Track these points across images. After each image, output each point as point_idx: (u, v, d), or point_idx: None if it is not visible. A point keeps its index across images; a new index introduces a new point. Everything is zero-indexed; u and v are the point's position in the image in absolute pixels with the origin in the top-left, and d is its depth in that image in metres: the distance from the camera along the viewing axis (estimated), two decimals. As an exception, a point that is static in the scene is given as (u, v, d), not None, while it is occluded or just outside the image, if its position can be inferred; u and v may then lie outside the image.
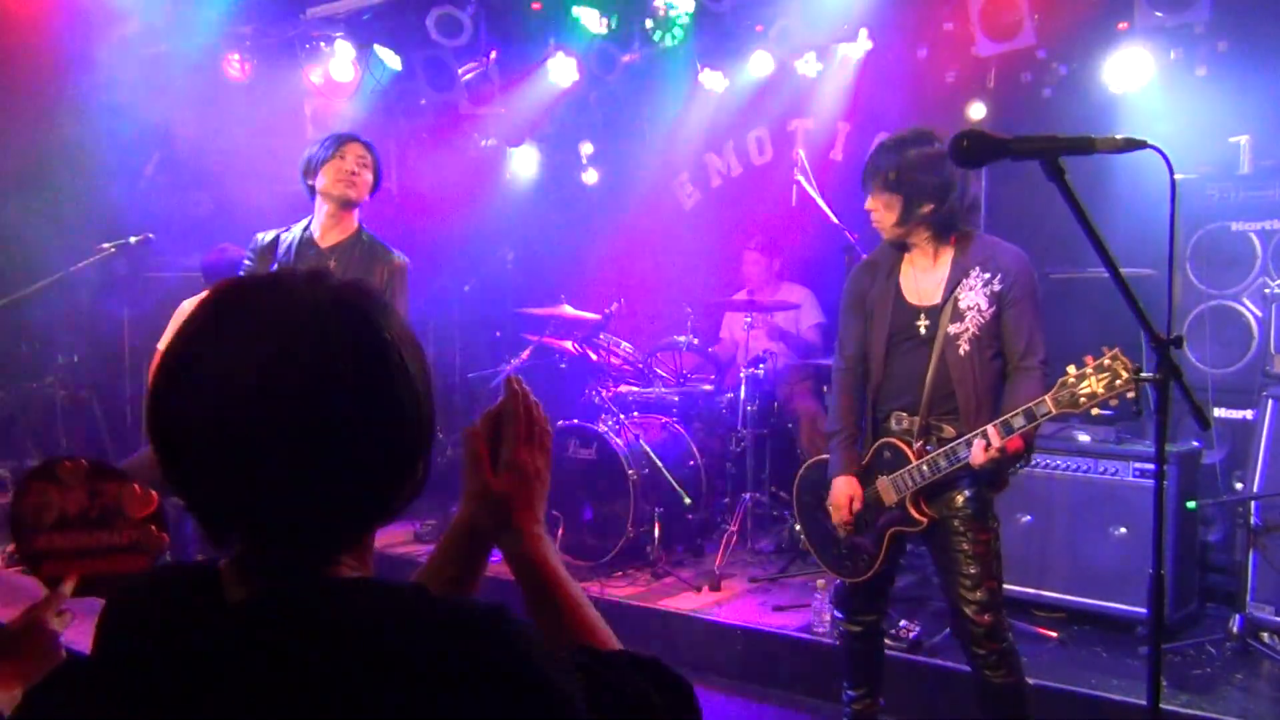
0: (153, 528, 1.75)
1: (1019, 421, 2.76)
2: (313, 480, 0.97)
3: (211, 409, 0.96)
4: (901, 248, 3.09)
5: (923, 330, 3.01)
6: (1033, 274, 2.96)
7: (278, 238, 3.74)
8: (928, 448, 2.98)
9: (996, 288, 2.93)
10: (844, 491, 3.12)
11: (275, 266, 3.68)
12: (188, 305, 5.15)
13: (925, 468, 2.94)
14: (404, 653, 0.92)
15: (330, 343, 0.99)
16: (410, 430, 1.04)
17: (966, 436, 2.86)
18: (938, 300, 3.00)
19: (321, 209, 3.71)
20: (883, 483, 3.06)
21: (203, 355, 0.98)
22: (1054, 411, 2.70)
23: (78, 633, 2.39)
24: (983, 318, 2.93)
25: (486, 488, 1.25)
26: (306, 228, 3.74)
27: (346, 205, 3.69)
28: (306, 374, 0.97)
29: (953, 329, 2.95)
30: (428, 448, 1.08)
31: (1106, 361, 2.62)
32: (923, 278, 3.05)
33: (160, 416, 1.00)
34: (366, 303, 1.04)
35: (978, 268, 2.96)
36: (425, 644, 0.93)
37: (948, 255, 3.01)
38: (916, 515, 3.00)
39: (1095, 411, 2.67)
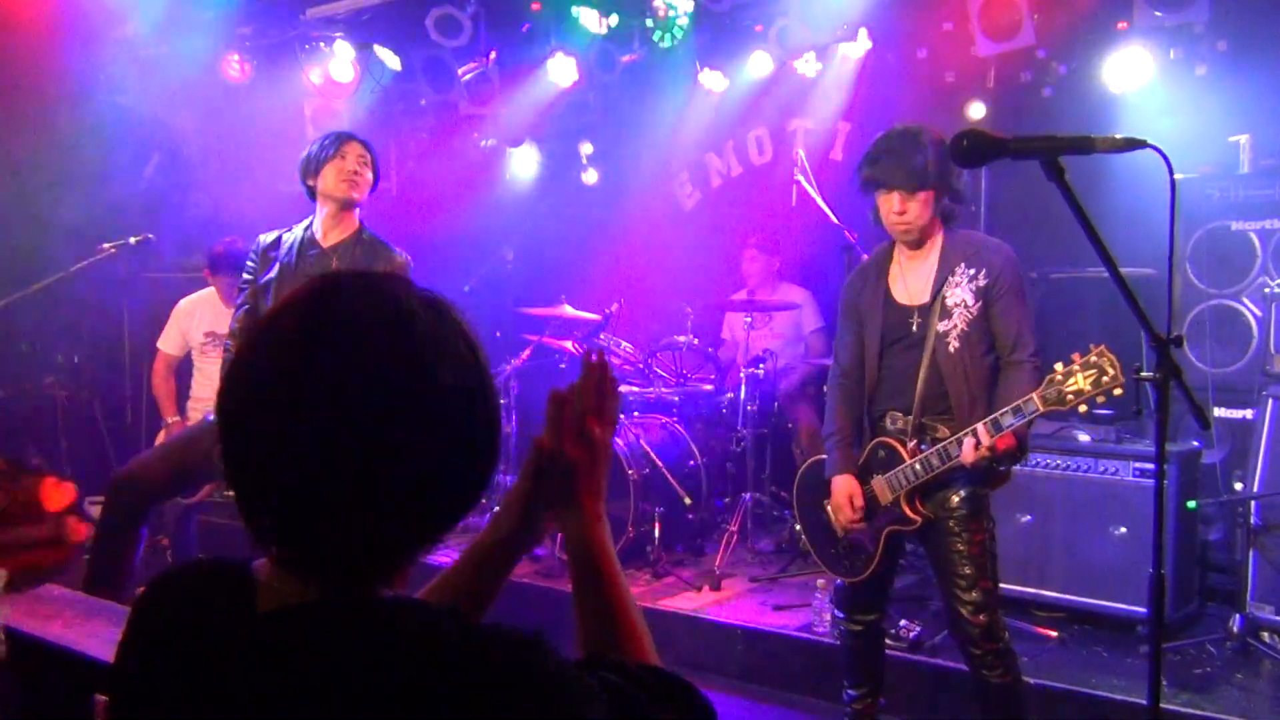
0: (70, 519, 1.75)
1: (1007, 420, 2.76)
2: (386, 490, 0.95)
3: (292, 408, 0.93)
4: (891, 248, 3.13)
5: (914, 329, 3.02)
6: (1018, 268, 2.98)
7: (279, 238, 3.74)
8: (922, 446, 2.99)
9: (982, 283, 2.94)
10: (843, 490, 3.12)
11: (276, 267, 3.68)
12: (184, 304, 5.17)
13: (918, 466, 2.95)
14: (431, 676, 0.91)
15: (430, 349, 0.97)
16: (490, 443, 1.03)
17: (958, 435, 2.87)
18: (926, 299, 3.01)
19: (322, 209, 3.71)
20: (878, 482, 3.06)
21: (291, 352, 0.96)
22: (1041, 409, 2.71)
23: (79, 633, 2.40)
24: (970, 314, 2.94)
25: (561, 455, 1.24)
26: (308, 228, 3.74)
27: (348, 205, 3.69)
28: (404, 380, 0.94)
29: (942, 326, 2.97)
30: (497, 461, 1.06)
31: (1093, 359, 2.63)
32: (911, 277, 3.06)
33: (234, 408, 0.97)
34: (455, 312, 1.03)
35: (963, 264, 2.97)
36: (454, 669, 0.92)
37: (935, 253, 3.03)
38: (911, 514, 3.01)
39: (1083, 409, 2.67)
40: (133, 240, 5.12)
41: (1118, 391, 2.60)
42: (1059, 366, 2.69)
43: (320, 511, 0.95)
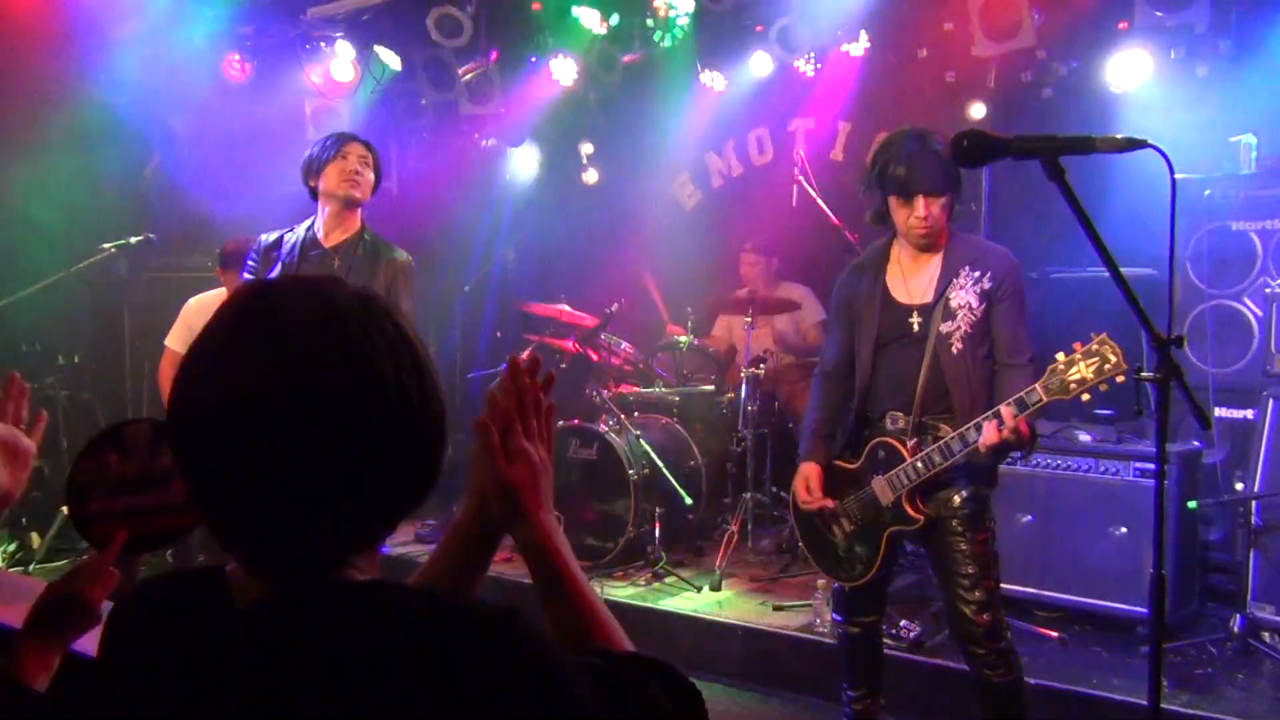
0: None
1: (1011, 410, 2.76)
2: (335, 485, 0.97)
3: (233, 410, 0.95)
4: (888, 248, 3.12)
5: (915, 329, 3.02)
6: (1020, 273, 3.00)
7: (281, 238, 3.75)
8: (921, 446, 2.98)
9: (986, 286, 2.95)
10: (801, 475, 3.15)
11: (278, 266, 3.68)
12: (194, 303, 5.16)
13: (920, 464, 2.95)
14: (416, 655, 0.92)
15: (364, 344, 0.98)
16: (435, 432, 1.04)
17: (959, 431, 2.88)
18: (929, 299, 3.01)
19: (324, 209, 3.72)
20: (879, 482, 3.05)
21: (227, 356, 0.98)
22: (1044, 399, 2.72)
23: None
24: (974, 316, 2.95)
25: (499, 477, 1.22)
26: (310, 228, 3.74)
27: (350, 205, 3.70)
28: (338, 377, 0.96)
29: (945, 327, 2.97)
30: (445, 449, 1.07)
31: (1095, 347, 2.64)
32: (912, 277, 3.06)
33: (181, 415, 0.99)
34: (387, 307, 1.04)
35: (967, 266, 2.98)
36: (437, 646, 0.93)
37: (939, 254, 3.03)
38: (913, 513, 3.00)
39: (1085, 396, 2.67)
40: (133, 240, 5.12)
41: (1120, 379, 2.61)
42: (1060, 356, 2.70)
43: (271, 510, 0.97)
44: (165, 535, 1.71)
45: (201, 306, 5.13)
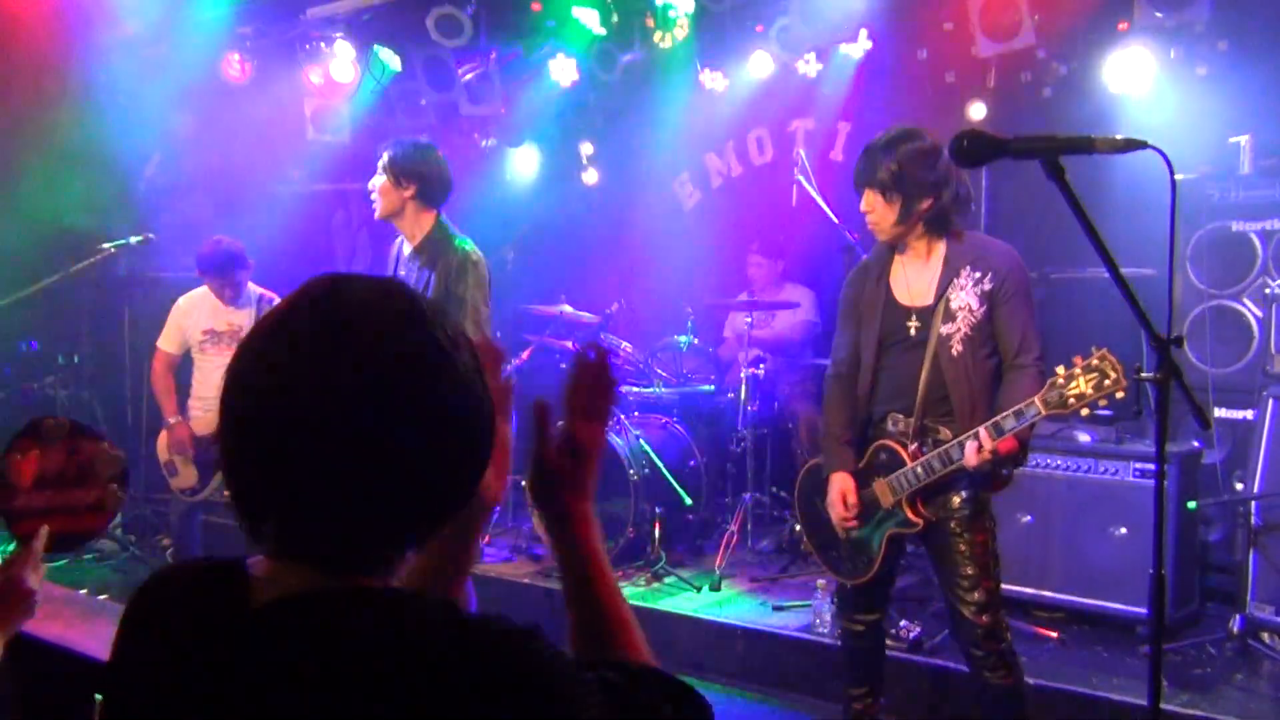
0: (114, 486, 1.78)
1: (1009, 423, 2.75)
2: (381, 483, 0.97)
3: (279, 405, 0.95)
4: (892, 248, 3.09)
5: (914, 331, 3.01)
6: (1024, 271, 2.97)
7: (400, 247, 4.00)
8: (923, 449, 2.98)
9: (987, 286, 2.92)
10: (837, 487, 3.10)
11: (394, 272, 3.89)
12: (183, 302, 5.16)
13: (920, 470, 2.94)
14: (429, 668, 0.91)
15: (431, 336, 0.99)
16: (478, 448, 1.04)
17: (960, 438, 2.86)
18: (929, 301, 2.99)
19: None
20: (880, 485, 3.05)
21: (278, 352, 0.98)
22: (1043, 413, 2.70)
23: (79, 633, 2.39)
24: (974, 317, 2.92)
25: (544, 461, 1.23)
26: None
27: (387, 218, 3.89)
28: (405, 371, 0.97)
29: (945, 329, 2.95)
30: (485, 467, 1.07)
31: (1095, 362, 2.62)
32: (914, 279, 3.04)
33: (235, 391, 1.00)
34: (445, 309, 1.04)
35: (968, 267, 2.95)
36: (450, 660, 0.92)
37: (939, 255, 3.00)
38: (913, 517, 3.00)
39: (1085, 412, 2.66)
40: (133, 240, 5.12)
41: (1120, 395, 2.60)
42: (1060, 370, 2.67)
43: (321, 505, 0.97)
44: (81, 536, 1.75)
45: (189, 306, 5.12)
